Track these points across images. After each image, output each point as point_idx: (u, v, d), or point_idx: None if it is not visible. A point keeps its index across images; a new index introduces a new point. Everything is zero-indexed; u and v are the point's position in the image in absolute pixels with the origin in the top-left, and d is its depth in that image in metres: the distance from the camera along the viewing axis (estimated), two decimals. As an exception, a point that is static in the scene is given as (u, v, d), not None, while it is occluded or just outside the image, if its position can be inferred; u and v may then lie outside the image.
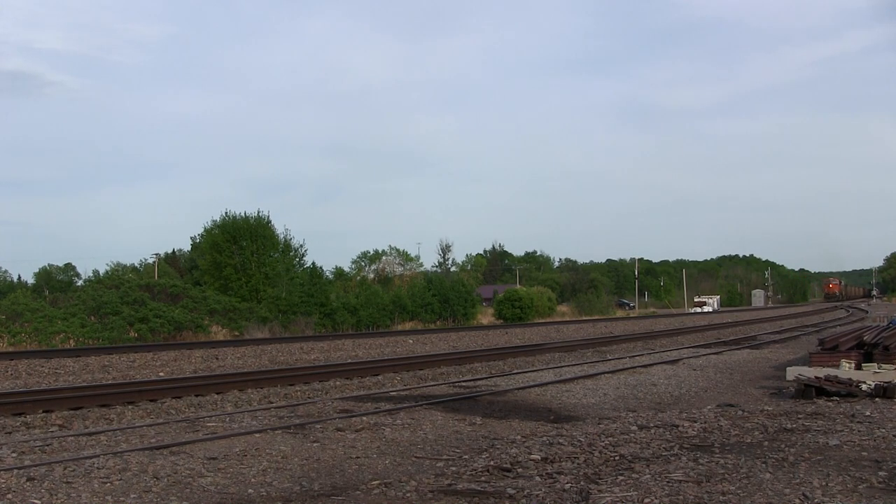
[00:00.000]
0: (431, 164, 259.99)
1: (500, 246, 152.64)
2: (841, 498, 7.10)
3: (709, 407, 13.68)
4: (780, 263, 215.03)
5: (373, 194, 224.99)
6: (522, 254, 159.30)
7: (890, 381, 14.73)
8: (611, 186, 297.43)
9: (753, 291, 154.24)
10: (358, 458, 9.59)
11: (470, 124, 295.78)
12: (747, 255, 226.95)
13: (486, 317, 71.45)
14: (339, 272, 79.39)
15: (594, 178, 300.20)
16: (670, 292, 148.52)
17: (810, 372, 15.86)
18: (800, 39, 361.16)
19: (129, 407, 14.61)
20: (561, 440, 10.19)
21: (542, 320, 66.99)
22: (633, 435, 10.57)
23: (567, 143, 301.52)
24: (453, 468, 8.84)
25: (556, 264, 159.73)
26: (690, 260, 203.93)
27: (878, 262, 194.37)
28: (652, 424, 11.46)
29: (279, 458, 9.45)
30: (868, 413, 12.27)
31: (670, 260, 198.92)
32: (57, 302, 45.58)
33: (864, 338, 19.29)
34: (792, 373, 16.29)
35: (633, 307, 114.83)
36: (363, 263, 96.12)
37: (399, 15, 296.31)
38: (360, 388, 17.44)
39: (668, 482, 7.72)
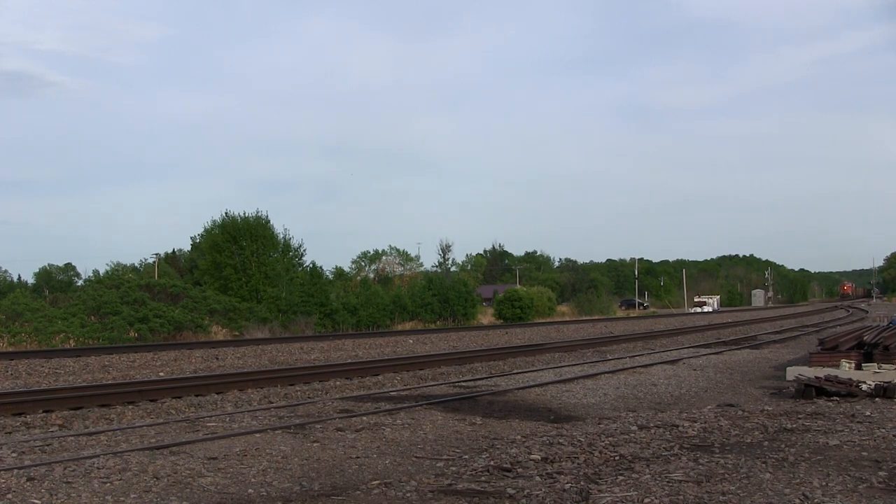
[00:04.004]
0: (431, 164, 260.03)
1: (500, 246, 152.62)
2: (841, 498, 7.10)
3: (709, 407, 13.68)
4: (780, 263, 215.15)
5: (373, 194, 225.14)
6: (522, 254, 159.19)
7: (890, 381, 14.73)
8: (611, 186, 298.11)
9: (753, 291, 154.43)
10: (358, 457, 9.59)
11: (470, 124, 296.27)
12: (747, 255, 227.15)
13: (486, 317, 71.42)
14: (339, 272, 79.36)
15: (594, 178, 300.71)
16: (670, 292, 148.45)
17: (810, 372, 15.86)
18: (799, 39, 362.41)
19: (129, 407, 14.61)
20: (561, 440, 10.19)
21: (542, 320, 66.96)
22: (633, 435, 10.57)
23: (567, 143, 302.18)
24: (453, 468, 8.83)
25: (556, 264, 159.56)
26: (690, 260, 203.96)
27: (878, 261, 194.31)
28: (652, 424, 11.46)
29: (279, 458, 9.44)
30: (868, 413, 12.28)
31: (670, 260, 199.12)
32: (57, 302, 45.65)
33: (865, 338, 19.29)
34: (792, 373, 16.29)
35: (647, 306, 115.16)
36: (363, 263, 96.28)
37: (399, 15, 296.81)
38: (360, 388, 17.43)
39: (668, 482, 7.72)
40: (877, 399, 14.14)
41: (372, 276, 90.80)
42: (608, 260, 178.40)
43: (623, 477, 7.99)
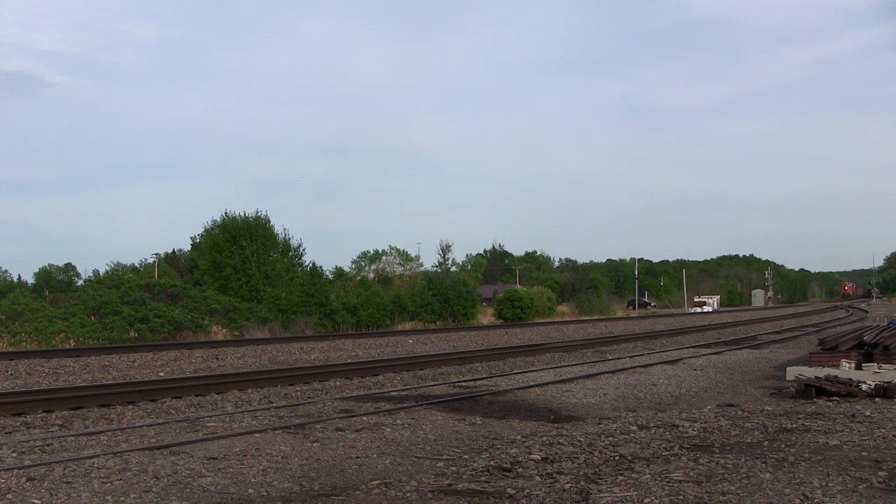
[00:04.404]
0: (431, 164, 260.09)
1: (500, 246, 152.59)
2: (841, 498, 7.10)
3: (709, 407, 13.68)
4: (780, 263, 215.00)
5: (373, 194, 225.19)
6: (522, 254, 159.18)
7: (890, 381, 14.73)
8: (611, 186, 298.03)
9: (753, 291, 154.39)
10: (358, 457, 9.59)
11: (470, 124, 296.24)
12: (747, 254, 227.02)
13: (486, 317, 71.41)
14: (339, 272, 79.40)
15: (594, 178, 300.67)
16: (670, 292, 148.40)
17: (810, 372, 15.86)
18: (799, 39, 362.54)
19: (129, 407, 14.61)
20: (561, 440, 10.19)
21: (542, 320, 66.95)
22: (633, 435, 10.57)
23: (567, 143, 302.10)
24: (453, 468, 8.83)
25: (556, 264, 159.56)
26: (690, 260, 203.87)
27: (878, 261, 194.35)
28: (652, 424, 11.46)
29: (279, 458, 9.44)
30: (868, 413, 12.28)
31: (670, 260, 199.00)
32: (57, 302, 45.66)
33: (865, 338, 19.29)
34: (792, 373, 16.29)
35: (653, 305, 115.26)
36: (363, 263, 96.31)
37: (399, 15, 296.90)
38: (360, 388, 17.43)
39: (668, 482, 7.72)
40: (877, 399, 14.14)
41: (372, 276, 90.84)
42: (608, 260, 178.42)
43: (623, 477, 7.99)
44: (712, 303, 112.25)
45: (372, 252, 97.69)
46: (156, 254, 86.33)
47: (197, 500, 7.63)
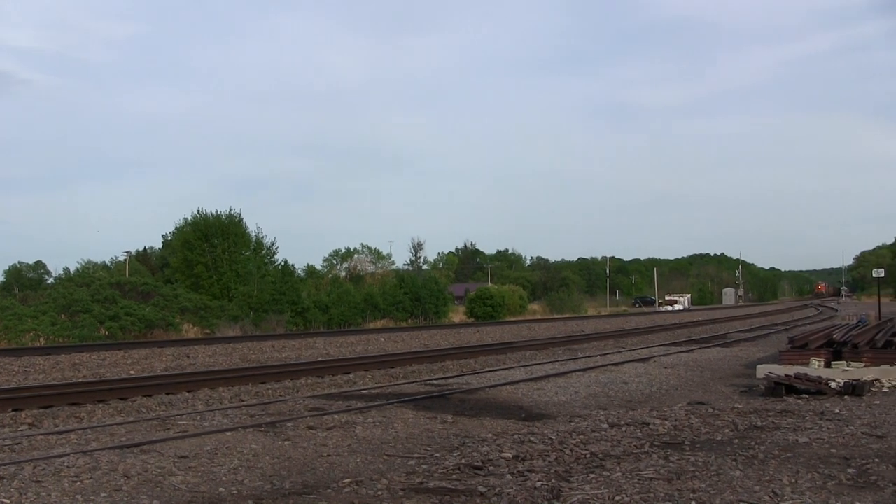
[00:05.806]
0: (405, 163, 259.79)
1: (471, 244, 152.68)
2: (810, 495, 7.16)
3: (679, 405, 13.75)
4: (751, 262, 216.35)
5: (346, 192, 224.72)
6: (494, 252, 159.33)
7: (859, 379, 14.88)
8: (583, 185, 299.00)
9: (724, 290, 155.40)
10: (329, 456, 9.57)
11: (443, 123, 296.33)
12: (718, 253, 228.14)
13: (457, 315, 71.40)
14: (310, 270, 79.17)
15: (566, 176, 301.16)
16: (642, 291, 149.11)
17: (780, 370, 15.98)
18: (771, 40, 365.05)
19: (100, 405, 14.52)
20: (532, 438, 10.21)
21: (514, 318, 67.02)
22: (604, 433, 10.61)
23: (540, 141, 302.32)
24: (424, 466, 8.84)
25: (528, 263, 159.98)
26: (662, 258, 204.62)
27: (847, 260, 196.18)
28: (623, 422, 11.51)
29: (250, 456, 9.41)
30: (837, 411, 12.39)
31: (641, 258, 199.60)
32: (27, 300, 45.32)
33: (834, 336, 19.49)
34: (762, 371, 16.41)
35: (660, 302, 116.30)
36: (335, 261, 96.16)
37: (373, 13, 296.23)
38: (332, 387, 17.41)
39: (638, 480, 7.75)
40: (846, 397, 14.26)
41: (343, 274, 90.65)
42: (580, 258, 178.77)
43: (594, 475, 8.01)
44: (683, 301, 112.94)
45: (344, 250, 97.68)
46: (127, 252, 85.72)
47: (168, 498, 7.59)
